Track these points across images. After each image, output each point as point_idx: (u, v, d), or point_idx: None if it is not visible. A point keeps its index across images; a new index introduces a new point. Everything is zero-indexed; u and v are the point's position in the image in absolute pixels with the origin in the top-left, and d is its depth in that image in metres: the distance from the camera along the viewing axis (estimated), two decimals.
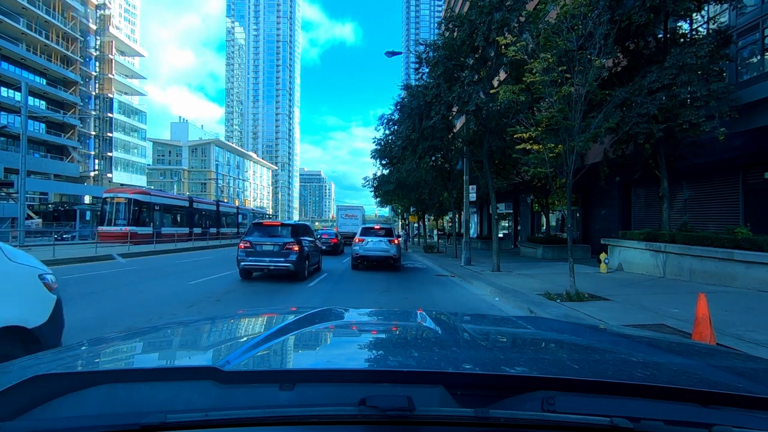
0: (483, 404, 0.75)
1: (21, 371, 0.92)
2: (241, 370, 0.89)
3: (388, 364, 1.06)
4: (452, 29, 11.56)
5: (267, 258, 10.57)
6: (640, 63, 10.40)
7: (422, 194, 25.11)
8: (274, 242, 10.65)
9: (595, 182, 19.41)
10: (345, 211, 36.58)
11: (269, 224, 11.55)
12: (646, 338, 1.60)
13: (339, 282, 11.10)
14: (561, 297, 7.81)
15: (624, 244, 12.00)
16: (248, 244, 10.68)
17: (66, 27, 44.53)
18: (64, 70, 44.47)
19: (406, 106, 13.45)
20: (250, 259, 10.60)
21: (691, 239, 9.58)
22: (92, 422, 0.71)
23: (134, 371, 1.00)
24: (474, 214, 35.58)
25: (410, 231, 44.87)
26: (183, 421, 0.71)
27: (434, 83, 10.63)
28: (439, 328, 1.56)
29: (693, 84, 7.86)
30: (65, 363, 1.07)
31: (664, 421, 0.73)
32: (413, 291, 9.61)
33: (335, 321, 1.74)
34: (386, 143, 27.41)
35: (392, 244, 14.05)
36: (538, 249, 17.98)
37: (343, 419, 0.72)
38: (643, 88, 8.64)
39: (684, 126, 8.38)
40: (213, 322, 1.73)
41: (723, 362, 1.23)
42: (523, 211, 29.53)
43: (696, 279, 9.35)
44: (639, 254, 11.38)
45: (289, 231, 11.09)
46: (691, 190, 13.68)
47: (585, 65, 7.11)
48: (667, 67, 8.35)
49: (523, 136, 7.91)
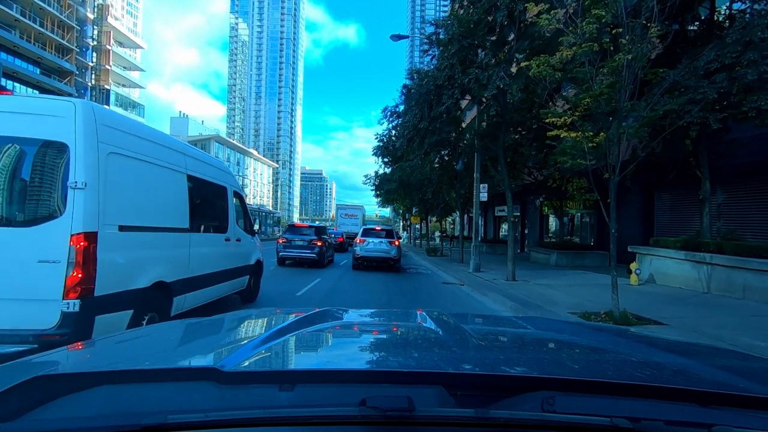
0: (483, 404, 0.75)
1: (21, 372, 0.92)
2: (241, 370, 0.90)
3: (388, 365, 1.08)
4: (467, 6, 10.17)
5: (297, 250, 14.08)
6: (684, 46, 9.03)
7: (426, 194, 23.67)
8: (303, 239, 14.17)
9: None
10: (345, 211, 35.51)
11: (299, 226, 16.25)
12: (646, 338, 1.66)
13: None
14: (600, 317, 6.43)
15: (657, 252, 10.59)
16: (285, 239, 14.48)
17: (62, 15, 43.22)
18: (59, 59, 43.18)
19: (414, 91, 12.08)
20: (286, 250, 14.15)
21: (744, 250, 8.18)
22: (93, 423, 0.71)
23: (134, 372, 0.96)
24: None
25: (412, 232, 43.56)
26: (183, 422, 0.70)
27: (447, 64, 9.27)
28: (439, 328, 1.53)
29: (766, 63, 6.46)
30: (66, 363, 1.10)
31: (664, 421, 0.73)
32: (418, 303, 8.25)
33: (335, 321, 1.72)
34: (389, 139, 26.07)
35: (393, 245, 14.16)
36: (551, 255, 16.58)
37: (343, 419, 0.72)
38: (697, 69, 7.26)
39: (750, 113, 6.98)
40: (213, 322, 1.71)
41: (723, 362, 1.25)
42: (531, 213, 28.07)
43: (752, 296, 7.95)
44: (675, 265, 9.98)
45: (313, 231, 14.80)
46: (727, 193, 12.28)
47: (637, 35, 5.73)
48: (729, 44, 6.96)
49: (556, 121, 6.53)
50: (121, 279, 3.72)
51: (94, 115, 3.53)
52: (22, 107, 3.51)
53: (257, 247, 7.61)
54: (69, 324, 3.20)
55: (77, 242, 3.26)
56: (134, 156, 4.02)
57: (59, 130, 3.37)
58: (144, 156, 4.19)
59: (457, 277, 12.50)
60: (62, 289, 3.20)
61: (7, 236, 3.26)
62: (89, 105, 3.60)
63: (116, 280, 3.64)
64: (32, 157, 3.41)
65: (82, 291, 3.26)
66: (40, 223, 3.30)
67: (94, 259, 3.35)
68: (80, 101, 3.54)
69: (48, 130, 3.40)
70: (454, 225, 41.66)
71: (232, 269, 6.28)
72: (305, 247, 13.94)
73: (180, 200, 4.88)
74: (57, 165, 3.37)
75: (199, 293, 5.20)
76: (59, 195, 3.33)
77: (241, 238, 6.76)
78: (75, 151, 3.34)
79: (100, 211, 3.45)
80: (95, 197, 3.41)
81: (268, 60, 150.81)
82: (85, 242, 3.29)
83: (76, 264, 3.24)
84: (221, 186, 6.24)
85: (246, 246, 7.01)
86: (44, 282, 3.22)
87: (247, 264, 6.96)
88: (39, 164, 3.41)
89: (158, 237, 4.39)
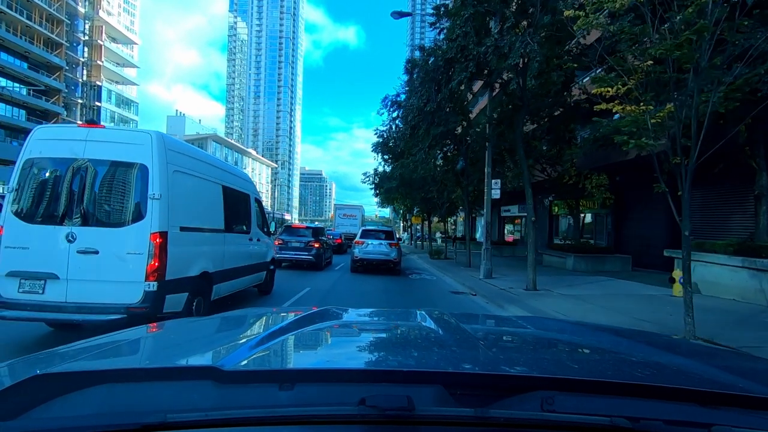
0: (483, 404, 0.75)
1: (21, 370, 0.93)
2: (241, 369, 0.89)
3: (387, 364, 1.07)
4: None
5: (294, 252, 13.48)
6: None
7: (429, 192, 22.13)
8: (300, 240, 13.58)
9: (634, 180, 16.55)
10: (343, 211, 34.44)
11: (296, 227, 15.75)
12: (646, 338, 1.65)
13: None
14: None
15: (703, 258, 9.08)
16: (281, 241, 13.37)
17: (51, 8, 41.72)
18: (48, 54, 41.66)
19: (420, 68, 10.58)
20: (282, 252, 13.03)
21: None
22: (92, 422, 0.71)
23: (134, 371, 0.97)
24: (480, 216, 32.66)
25: (412, 233, 42.10)
26: (183, 421, 0.70)
27: (459, 33, 7.76)
28: (439, 327, 1.52)
29: None
30: (65, 362, 1.08)
31: (663, 420, 0.73)
32: None
33: (335, 321, 1.71)
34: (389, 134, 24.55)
35: (393, 247, 13.80)
36: (568, 258, 15.05)
37: (342, 419, 0.72)
38: None
39: None
40: (213, 321, 1.72)
41: (723, 362, 1.25)
42: (540, 213, 26.54)
43: None
44: (727, 273, 8.48)
45: (310, 232, 14.33)
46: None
47: None
48: None
49: (605, 91, 5.03)
50: (182, 268, 4.65)
51: (164, 143, 4.49)
52: (112, 137, 4.51)
53: (272, 247, 8.67)
54: (149, 300, 4.18)
55: (154, 239, 4.23)
56: (189, 173, 4.99)
57: (141, 155, 4.33)
58: (195, 172, 5.16)
59: (466, 284, 11.00)
60: (144, 274, 4.17)
61: (106, 235, 4.26)
62: (161, 135, 4.56)
63: (178, 269, 4.56)
64: (123, 175, 4.35)
65: (158, 275, 4.23)
66: (129, 224, 4.29)
67: (165, 252, 4.30)
68: (155, 132, 4.54)
69: (133, 155, 4.34)
70: (455, 226, 40.11)
71: (254, 264, 7.23)
72: (302, 249, 13.52)
73: (218, 206, 5.85)
74: (139, 181, 4.31)
75: (230, 283, 6.13)
76: (142, 203, 4.28)
77: (260, 239, 7.67)
78: (152, 171, 4.30)
79: (169, 215, 4.40)
80: (166, 205, 4.36)
81: (267, 59, 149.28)
82: (160, 239, 4.26)
83: (154, 255, 4.21)
84: (245, 194, 7.15)
85: (264, 245, 7.91)
86: (132, 268, 4.18)
87: (264, 261, 7.92)
88: (129, 180, 4.34)
89: (204, 236, 5.36)
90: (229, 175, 6.53)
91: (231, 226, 6.21)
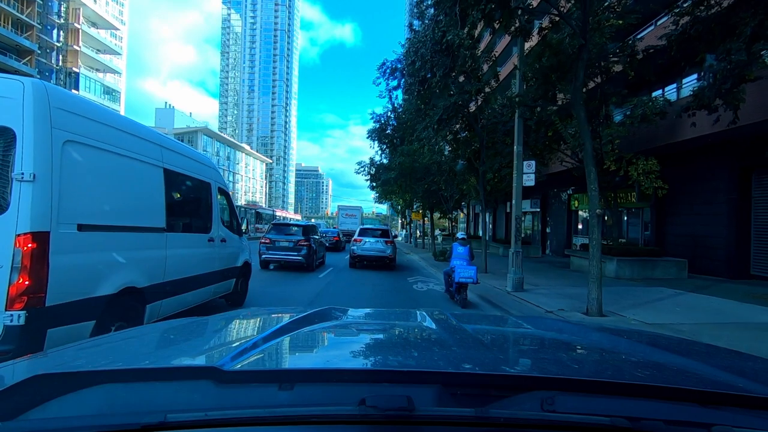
0: (483, 404, 0.74)
1: (21, 371, 0.92)
2: (240, 369, 0.88)
3: (387, 364, 1.06)
4: None
5: (282, 252, 12.53)
6: None
7: (433, 184, 19.18)
8: (289, 239, 12.65)
9: (684, 168, 13.67)
10: (345, 211, 41.34)
11: (285, 225, 14.34)
12: (646, 338, 1.61)
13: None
14: None
15: None
16: (268, 240, 12.65)
17: None
18: (17, 36, 38.42)
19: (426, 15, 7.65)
20: (269, 252, 12.49)
21: None
22: (92, 422, 0.70)
23: (134, 371, 0.95)
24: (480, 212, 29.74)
25: (412, 231, 39.24)
26: (183, 421, 0.70)
27: None
28: (439, 327, 1.51)
29: None
30: (65, 362, 1.08)
31: (663, 420, 0.72)
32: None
33: (335, 321, 1.68)
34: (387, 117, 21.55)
35: (388, 244, 14.36)
36: (610, 263, 12.16)
37: (342, 419, 0.71)
38: None
39: None
40: (213, 321, 1.67)
41: (723, 362, 1.23)
42: (556, 209, 23.66)
43: None
44: None
45: (300, 231, 13.15)
46: None
47: None
48: None
49: None
50: (81, 286, 3.28)
51: (47, 97, 3.03)
52: None
53: (245, 248, 7.24)
54: (12, 339, 2.76)
55: (24, 244, 2.85)
56: (98, 145, 3.52)
57: (5, 114, 2.89)
58: (110, 146, 3.69)
59: (494, 301, 8.09)
60: (5, 299, 2.80)
61: None
62: (41, 84, 3.05)
63: (74, 288, 3.21)
64: None
65: (29, 300, 2.85)
66: None
67: (45, 264, 2.94)
68: (30, 80, 3.02)
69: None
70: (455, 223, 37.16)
71: (216, 272, 5.88)
72: (291, 249, 12.60)
73: (155, 197, 4.40)
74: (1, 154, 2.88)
75: (177, 299, 4.79)
76: (2, 189, 2.83)
77: (226, 239, 6.35)
78: (23, 138, 2.88)
79: (53, 207, 2.98)
80: (47, 192, 2.94)
81: (261, 52, 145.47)
82: (33, 244, 2.87)
83: (23, 269, 2.82)
84: (205, 182, 5.76)
85: (232, 247, 6.59)
86: None
87: (233, 266, 6.57)
88: None
89: (128, 237, 3.96)
90: (178, 156, 5.00)
91: (178, 224, 4.92)
